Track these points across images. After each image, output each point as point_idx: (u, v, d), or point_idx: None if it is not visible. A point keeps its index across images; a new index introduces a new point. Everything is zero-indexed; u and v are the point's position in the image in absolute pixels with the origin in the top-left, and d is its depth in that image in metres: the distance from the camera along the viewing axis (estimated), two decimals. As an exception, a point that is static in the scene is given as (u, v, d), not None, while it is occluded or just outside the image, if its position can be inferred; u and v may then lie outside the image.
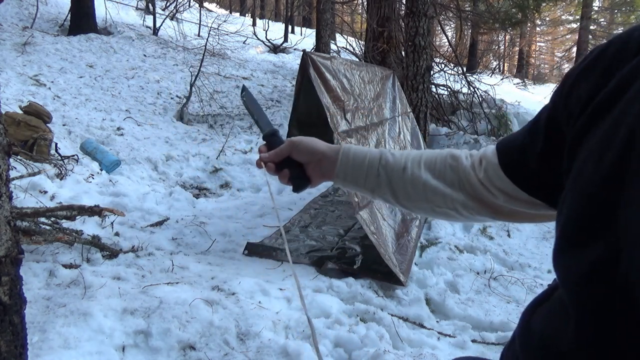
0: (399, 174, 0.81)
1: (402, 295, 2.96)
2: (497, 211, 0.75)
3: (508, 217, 0.75)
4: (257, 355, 2.15)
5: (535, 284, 3.31)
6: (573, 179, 0.52)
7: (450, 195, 0.77)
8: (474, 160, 0.77)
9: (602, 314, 0.45)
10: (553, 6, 14.41)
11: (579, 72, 0.56)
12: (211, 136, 6.97)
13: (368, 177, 0.83)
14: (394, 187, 0.82)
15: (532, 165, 0.64)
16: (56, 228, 3.06)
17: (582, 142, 0.52)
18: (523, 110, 9.16)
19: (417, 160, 0.81)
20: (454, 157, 0.79)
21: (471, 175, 0.75)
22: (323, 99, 3.15)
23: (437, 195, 0.78)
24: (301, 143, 0.87)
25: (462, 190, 0.76)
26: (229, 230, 3.92)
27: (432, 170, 0.79)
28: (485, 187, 0.73)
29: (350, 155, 0.85)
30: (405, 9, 6.67)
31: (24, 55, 7.68)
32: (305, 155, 0.87)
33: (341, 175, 0.85)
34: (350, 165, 0.85)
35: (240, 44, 13.33)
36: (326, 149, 0.87)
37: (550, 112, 0.61)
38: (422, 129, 6.23)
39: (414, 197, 0.81)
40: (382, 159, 0.83)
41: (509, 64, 29.66)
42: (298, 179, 0.88)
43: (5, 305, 1.27)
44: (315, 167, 0.87)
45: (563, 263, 0.51)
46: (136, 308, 2.29)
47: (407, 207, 0.84)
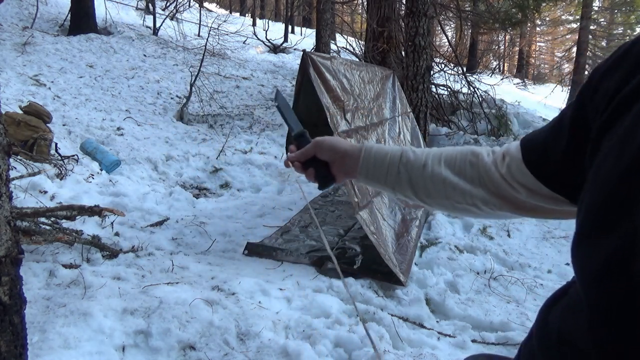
0: (419, 171, 0.83)
1: (402, 295, 2.96)
2: (518, 206, 0.76)
3: (530, 212, 0.76)
4: (257, 355, 2.15)
5: (535, 284, 3.31)
6: (593, 173, 0.52)
7: (470, 191, 0.78)
8: (497, 157, 0.77)
9: (618, 310, 0.45)
10: (553, 6, 14.41)
11: (606, 69, 0.57)
12: (211, 136, 6.97)
13: (389, 175, 0.86)
14: (414, 184, 0.84)
15: (556, 162, 0.64)
16: (56, 228, 3.06)
17: (604, 137, 0.52)
18: (523, 110, 9.17)
19: (437, 157, 0.83)
20: (474, 154, 0.80)
21: (492, 171, 0.76)
22: (323, 99, 3.15)
23: (457, 192, 0.80)
24: (325, 142, 0.91)
25: (483, 186, 0.78)
26: (229, 230, 3.92)
27: (452, 167, 0.81)
28: (508, 183, 0.74)
29: (372, 153, 0.88)
30: (405, 9, 6.67)
31: (24, 55, 7.68)
32: (329, 154, 0.91)
33: (363, 173, 0.89)
34: (372, 163, 0.88)
35: (240, 44, 13.33)
36: (349, 147, 0.90)
37: (576, 109, 0.61)
38: (422, 129, 6.23)
39: (434, 193, 0.82)
40: (403, 156, 0.86)
41: (509, 64, 29.65)
42: (323, 176, 0.92)
43: (5, 305, 1.27)
44: (339, 165, 0.91)
45: (580, 256, 0.51)
46: (136, 308, 2.29)
47: (428, 203, 0.86)
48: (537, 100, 16.52)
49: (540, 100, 16.58)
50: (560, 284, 3.50)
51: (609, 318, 0.46)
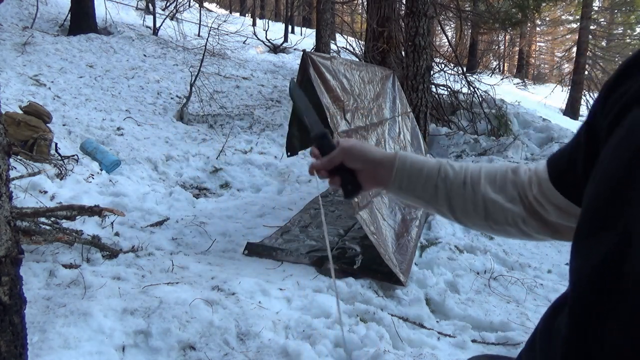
0: (459, 189, 0.79)
1: (402, 295, 2.96)
2: (556, 230, 0.73)
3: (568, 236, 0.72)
4: (257, 355, 2.15)
5: (535, 284, 3.31)
6: (594, 172, 0.52)
7: (511, 209, 0.76)
8: (531, 175, 0.76)
9: (609, 311, 0.44)
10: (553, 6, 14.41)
11: (615, 78, 0.57)
12: (211, 136, 6.97)
13: (425, 188, 0.82)
14: (452, 201, 0.80)
15: (579, 177, 0.63)
16: (56, 228, 3.06)
17: (608, 140, 0.53)
18: (523, 110, 9.16)
19: (477, 173, 0.80)
20: (514, 171, 0.78)
21: (527, 189, 0.75)
22: (323, 99, 3.15)
23: (498, 210, 0.77)
24: (354, 149, 0.85)
25: (523, 204, 0.75)
26: (229, 230, 3.92)
27: (492, 184, 0.78)
28: (540, 203, 0.72)
29: (407, 164, 0.83)
30: (405, 9, 6.67)
31: (24, 55, 7.68)
32: (359, 163, 0.85)
33: (396, 184, 0.84)
34: (406, 174, 0.83)
35: (240, 44, 13.33)
36: (382, 157, 0.85)
37: (588, 119, 0.61)
38: (422, 129, 6.23)
39: (472, 213, 0.79)
40: (442, 171, 0.81)
41: (509, 64, 29.66)
42: (350, 185, 0.86)
43: (5, 305, 1.27)
44: (369, 174, 0.86)
45: (576, 257, 0.51)
46: (136, 308, 2.29)
47: (463, 222, 0.82)
48: (537, 100, 16.53)
49: (540, 100, 16.59)
50: (560, 284, 3.50)
51: (599, 320, 0.45)
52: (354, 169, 0.86)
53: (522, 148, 7.15)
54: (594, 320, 0.46)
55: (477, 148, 7.15)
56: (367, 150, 0.86)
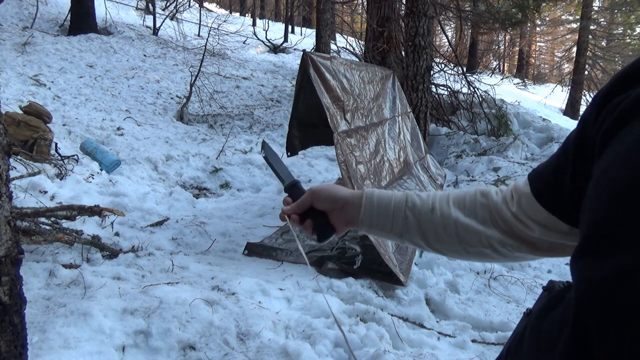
0: (427, 216, 0.79)
1: (402, 295, 2.96)
2: (535, 247, 0.72)
3: (548, 252, 0.72)
4: (257, 355, 2.15)
5: (535, 284, 3.31)
6: (595, 181, 0.50)
7: (484, 232, 0.75)
8: (506, 195, 0.74)
9: (615, 328, 0.43)
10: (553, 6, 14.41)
11: (608, 88, 0.56)
12: (211, 136, 6.97)
13: (395, 221, 0.81)
14: (424, 229, 0.79)
15: (566, 190, 0.61)
16: (56, 228, 3.06)
17: (607, 147, 0.51)
18: (523, 110, 9.16)
19: (445, 199, 0.79)
20: (483, 194, 0.77)
21: (503, 210, 0.73)
22: (323, 99, 3.15)
23: (470, 234, 0.76)
24: (322, 191, 0.86)
25: (496, 226, 0.74)
26: (229, 230, 3.92)
27: (461, 208, 0.77)
28: (520, 221, 0.71)
29: (374, 199, 0.83)
30: (405, 9, 6.68)
31: (24, 55, 7.68)
32: (327, 203, 0.85)
33: (366, 221, 0.83)
34: (375, 209, 0.83)
35: (240, 44, 13.33)
36: (348, 195, 0.85)
37: (579, 133, 0.59)
38: (422, 129, 6.23)
39: (445, 238, 0.78)
40: (409, 201, 0.81)
41: (509, 64, 29.66)
42: (322, 228, 0.87)
43: (5, 305, 1.27)
44: (339, 214, 0.86)
45: (579, 272, 0.49)
46: (136, 308, 2.29)
47: (439, 250, 0.82)
48: (537, 100, 16.53)
49: (540, 100, 16.59)
50: (560, 284, 3.49)
51: (601, 340, 0.44)
52: (325, 211, 0.86)
53: (522, 148, 7.15)
54: (596, 340, 0.45)
55: (477, 148, 7.15)
56: (334, 190, 0.86)
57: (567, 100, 16.57)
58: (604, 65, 17.52)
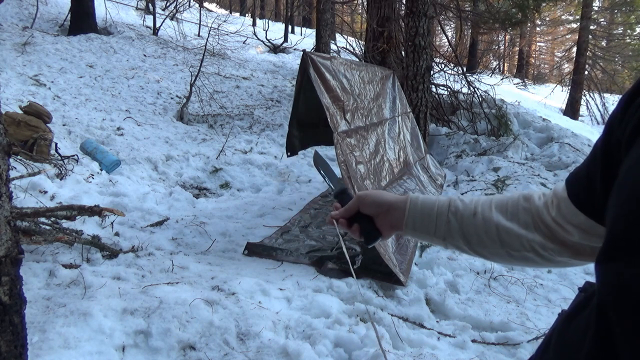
0: (469, 220, 0.80)
1: (402, 295, 2.96)
2: (578, 251, 0.72)
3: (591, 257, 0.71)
4: (257, 355, 2.15)
5: (535, 284, 3.31)
6: (619, 183, 0.50)
7: (526, 236, 0.75)
8: (547, 199, 0.75)
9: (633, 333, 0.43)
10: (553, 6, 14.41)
11: (633, 89, 0.56)
12: (211, 136, 6.97)
13: (438, 225, 0.83)
14: (466, 233, 0.81)
15: (599, 193, 0.61)
16: (56, 228, 3.06)
17: (631, 147, 0.51)
18: (523, 110, 9.16)
19: (487, 203, 0.81)
20: (526, 198, 0.78)
21: (544, 214, 0.74)
22: (323, 99, 3.15)
23: (512, 237, 0.76)
24: (368, 197, 0.89)
25: (538, 230, 0.75)
26: (229, 230, 3.92)
27: (504, 212, 0.78)
28: (560, 225, 0.71)
29: (418, 204, 0.85)
30: (405, 9, 6.67)
31: (24, 55, 7.68)
32: (373, 208, 0.88)
33: (410, 225, 0.86)
34: (418, 214, 0.85)
35: (240, 44, 13.33)
36: (393, 200, 0.88)
37: (607, 133, 0.60)
38: (422, 129, 6.23)
39: (487, 242, 0.79)
40: (452, 205, 0.83)
41: (509, 64, 29.66)
42: (368, 232, 0.90)
43: (5, 305, 1.27)
44: (384, 218, 0.88)
45: (602, 276, 0.49)
46: (136, 308, 2.29)
47: (482, 254, 0.83)
48: (537, 100, 16.53)
49: (540, 100, 16.59)
50: (560, 284, 3.49)
51: (626, 342, 0.44)
52: (371, 216, 0.89)
53: (522, 148, 7.15)
54: (624, 343, 0.45)
55: (477, 148, 7.15)
56: (380, 196, 0.89)
57: (567, 100, 16.57)
58: (604, 65, 17.52)
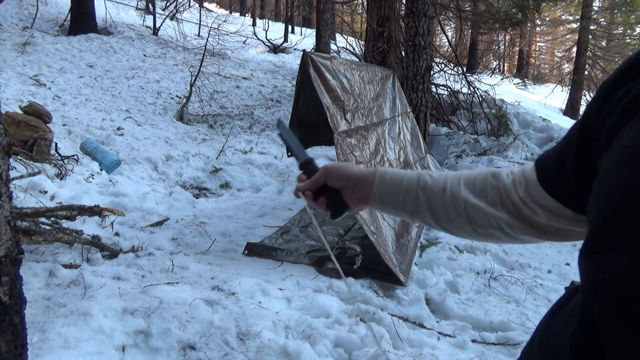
0: (438, 195, 0.80)
1: (402, 295, 2.96)
2: (542, 231, 0.73)
3: (555, 236, 0.73)
4: (257, 355, 2.15)
5: (535, 284, 3.31)
6: (600, 179, 0.50)
7: (493, 214, 0.75)
8: (515, 177, 0.75)
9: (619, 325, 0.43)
10: (553, 6, 14.41)
11: (614, 78, 0.55)
12: (211, 136, 6.97)
13: (406, 200, 0.82)
14: (434, 209, 0.80)
15: (570, 178, 0.62)
16: (56, 228, 3.06)
17: (612, 142, 0.51)
18: (523, 110, 9.16)
19: (456, 180, 0.80)
20: (494, 176, 0.77)
21: (512, 193, 0.74)
22: (323, 99, 3.16)
23: (480, 215, 0.76)
24: (335, 169, 0.87)
25: (505, 209, 0.75)
26: (229, 230, 3.92)
27: (472, 189, 0.78)
28: (527, 205, 0.72)
29: (386, 178, 0.84)
30: (405, 9, 6.67)
31: (24, 55, 7.68)
32: (341, 181, 0.87)
33: (378, 199, 0.85)
34: (387, 188, 0.84)
35: (240, 44, 13.33)
36: (361, 173, 0.86)
37: (584, 120, 0.59)
38: (422, 129, 6.23)
39: (455, 218, 0.79)
40: (420, 180, 0.82)
41: (509, 64, 29.65)
42: (335, 205, 0.89)
43: (5, 305, 1.27)
44: (352, 192, 0.87)
45: (589, 267, 0.49)
46: (136, 308, 2.29)
47: (449, 230, 0.83)
48: (537, 100, 16.53)
49: (540, 100, 16.58)
50: (560, 284, 3.49)
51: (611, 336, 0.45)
52: (338, 189, 0.88)
53: (522, 148, 7.15)
54: (608, 335, 0.45)
55: (477, 148, 7.15)
56: (348, 168, 0.87)
57: (567, 100, 16.57)
58: (604, 65, 17.51)
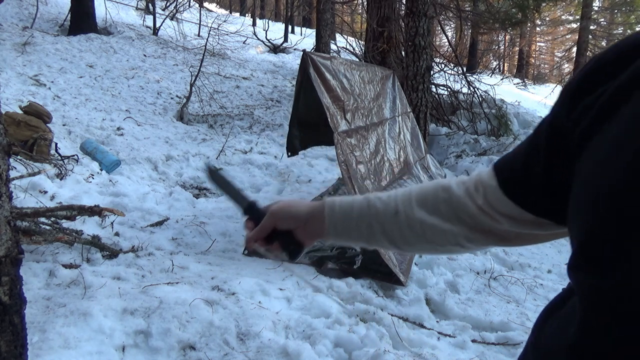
0: (391, 219, 0.76)
1: (402, 295, 2.96)
2: (503, 238, 0.71)
3: (516, 241, 0.72)
4: (257, 355, 2.15)
5: (535, 284, 3.31)
6: (581, 185, 0.50)
7: (451, 229, 0.72)
8: (469, 187, 0.71)
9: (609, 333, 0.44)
10: (553, 6, 14.40)
11: (580, 80, 0.55)
12: (211, 136, 6.97)
13: (360, 228, 0.79)
14: (389, 233, 0.77)
15: (535, 182, 0.61)
16: (56, 228, 3.06)
17: (586, 148, 0.50)
18: (523, 110, 9.17)
19: (407, 199, 0.76)
20: (444, 189, 0.74)
21: (468, 204, 0.70)
22: (323, 99, 3.16)
23: (437, 233, 0.74)
24: (280, 212, 0.82)
25: (461, 222, 0.72)
26: (229, 230, 3.91)
27: (425, 207, 0.74)
28: (487, 214, 0.69)
29: (335, 209, 0.80)
30: (405, 9, 6.67)
31: (24, 55, 7.68)
32: (289, 222, 0.82)
33: (332, 232, 0.81)
34: (338, 219, 0.80)
35: (240, 44, 13.33)
36: (309, 209, 0.82)
37: (551, 123, 0.58)
38: (422, 129, 6.23)
39: (412, 240, 0.76)
40: (371, 206, 0.78)
41: (509, 64, 29.65)
42: (290, 247, 0.84)
43: (5, 305, 1.27)
44: (304, 230, 0.83)
45: (577, 282, 0.49)
46: (136, 308, 2.29)
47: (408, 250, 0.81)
48: (537, 100, 16.50)
49: (540, 100, 16.57)
50: (560, 284, 3.50)
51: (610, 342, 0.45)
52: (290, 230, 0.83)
53: (522, 148, 7.14)
54: (603, 343, 0.46)
55: (477, 148, 7.15)
56: (295, 209, 0.83)
57: (567, 100, 16.53)
58: (604, 65, 17.45)
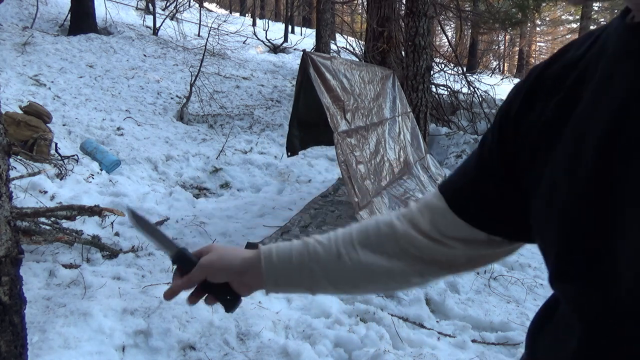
0: (334, 264, 0.71)
1: (402, 295, 2.96)
2: (452, 265, 0.68)
3: (466, 266, 0.69)
4: (257, 355, 2.15)
5: (535, 284, 3.31)
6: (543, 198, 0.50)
7: (398, 266, 0.68)
8: (412, 217, 0.68)
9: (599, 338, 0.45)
10: (553, 6, 14.40)
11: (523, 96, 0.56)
12: (211, 136, 6.97)
13: (302, 277, 0.73)
14: (333, 278, 0.72)
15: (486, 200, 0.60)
16: (56, 228, 3.06)
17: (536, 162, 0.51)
18: (523, 110, 9.16)
19: (349, 240, 0.72)
20: (387, 224, 0.70)
21: (413, 235, 0.67)
22: (323, 99, 3.16)
23: (383, 273, 0.69)
24: (211, 265, 0.75)
25: (409, 256, 0.68)
26: (229, 230, 3.91)
27: (368, 247, 0.70)
28: (435, 240, 0.66)
29: (273, 258, 0.74)
30: (405, 9, 6.67)
31: (24, 55, 7.68)
32: (223, 276, 0.76)
33: (272, 282, 0.74)
34: (278, 270, 0.74)
35: (240, 44, 13.33)
36: (242, 262, 0.75)
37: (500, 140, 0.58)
38: (422, 129, 6.23)
39: (359, 282, 0.73)
40: (311, 252, 0.73)
41: (509, 64, 29.66)
42: (226, 299, 0.77)
43: (5, 305, 1.27)
44: (240, 281, 0.76)
45: (566, 291, 0.50)
46: (136, 308, 2.29)
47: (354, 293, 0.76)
48: (537, 100, 16.51)
49: (540, 100, 16.57)
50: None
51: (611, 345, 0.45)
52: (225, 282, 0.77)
53: (522, 148, 7.15)
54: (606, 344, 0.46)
55: (477, 148, 7.15)
56: (227, 261, 0.76)
57: (567, 100, 16.55)
58: (604, 65, 17.46)
